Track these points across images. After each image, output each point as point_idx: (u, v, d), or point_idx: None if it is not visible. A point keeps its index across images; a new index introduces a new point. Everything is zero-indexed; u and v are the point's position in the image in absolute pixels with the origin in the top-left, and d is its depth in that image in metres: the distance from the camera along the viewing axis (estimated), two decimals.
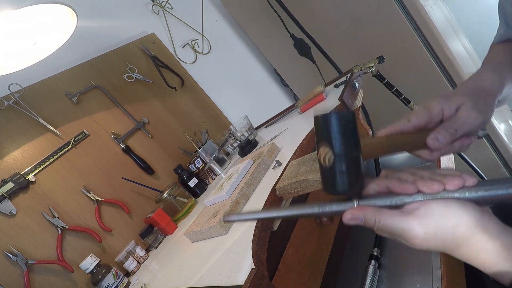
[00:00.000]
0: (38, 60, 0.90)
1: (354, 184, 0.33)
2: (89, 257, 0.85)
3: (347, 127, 0.33)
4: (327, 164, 0.33)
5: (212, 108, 1.52)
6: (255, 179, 0.80)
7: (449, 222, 0.31)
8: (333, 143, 0.33)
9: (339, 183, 0.33)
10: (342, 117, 0.33)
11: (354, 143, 0.33)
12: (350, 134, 0.33)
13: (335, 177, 0.33)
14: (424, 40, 1.20)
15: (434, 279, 0.58)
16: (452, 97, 0.42)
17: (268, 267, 0.53)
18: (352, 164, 0.33)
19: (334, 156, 0.32)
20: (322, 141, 0.33)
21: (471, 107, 0.41)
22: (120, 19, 1.38)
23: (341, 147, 0.32)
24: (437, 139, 0.39)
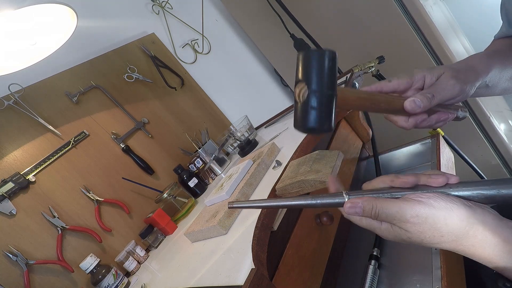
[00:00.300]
0: (38, 60, 0.90)
1: (324, 122, 0.34)
2: (89, 257, 0.85)
3: (325, 65, 0.33)
4: (301, 99, 0.33)
5: (212, 108, 1.52)
6: (255, 179, 0.80)
7: (440, 212, 0.31)
8: (310, 79, 0.33)
9: (310, 119, 0.34)
10: (321, 55, 0.33)
11: (330, 82, 0.34)
12: (327, 72, 0.33)
13: (307, 112, 0.33)
14: (424, 40, 1.20)
15: (434, 279, 0.58)
16: (435, 68, 0.44)
17: (268, 267, 0.53)
18: (325, 101, 0.33)
19: (309, 92, 0.33)
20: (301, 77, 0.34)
21: (450, 76, 0.42)
22: (120, 19, 1.38)
23: (317, 84, 0.33)
24: (414, 102, 0.40)
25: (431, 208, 0.32)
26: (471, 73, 0.45)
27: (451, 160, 0.93)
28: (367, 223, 0.37)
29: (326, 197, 0.37)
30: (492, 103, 1.26)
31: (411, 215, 0.32)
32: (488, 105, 1.22)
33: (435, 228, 0.32)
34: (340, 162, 0.61)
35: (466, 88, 0.43)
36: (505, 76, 0.50)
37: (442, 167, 0.83)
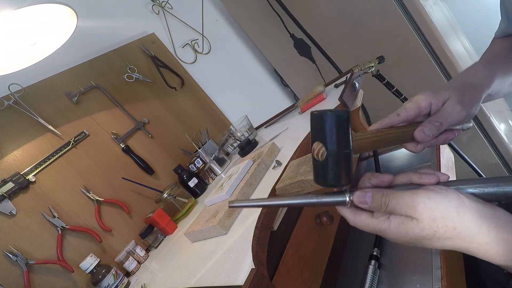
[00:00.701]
0: (38, 60, 0.90)
1: (343, 178, 0.36)
2: (89, 257, 0.85)
3: (341, 125, 0.34)
4: (320, 159, 0.35)
5: (212, 108, 1.52)
6: (255, 179, 0.80)
7: (452, 201, 0.31)
8: (327, 141, 0.34)
9: (330, 177, 0.36)
10: (337, 116, 0.34)
11: (347, 141, 0.35)
12: (343, 132, 0.35)
13: (326, 172, 0.35)
14: (424, 40, 1.20)
15: (434, 279, 0.58)
16: (439, 91, 0.44)
17: (268, 267, 0.53)
18: (344, 160, 0.35)
19: (327, 153, 0.34)
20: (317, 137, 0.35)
21: (456, 102, 0.43)
22: (120, 19, 1.38)
23: (334, 145, 0.34)
24: (423, 132, 0.41)
25: (443, 196, 0.32)
26: (475, 92, 0.45)
27: (451, 160, 0.93)
28: (373, 226, 0.35)
29: (327, 196, 0.37)
30: (492, 103, 1.26)
31: (423, 200, 0.32)
32: (488, 105, 1.22)
33: (447, 216, 0.31)
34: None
35: (472, 110, 0.44)
36: (507, 83, 0.50)
37: (442, 167, 0.83)
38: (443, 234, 0.31)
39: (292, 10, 1.33)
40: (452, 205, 0.31)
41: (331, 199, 0.37)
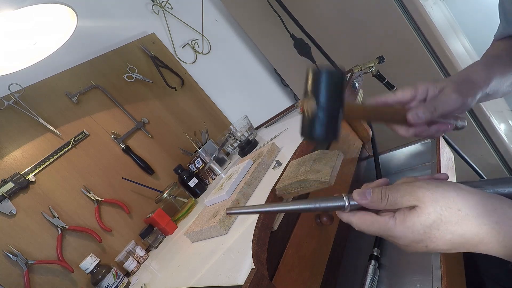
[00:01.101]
0: (38, 60, 0.90)
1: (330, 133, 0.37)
2: (89, 257, 0.85)
3: (334, 84, 0.35)
4: (309, 113, 0.36)
5: (212, 108, 1.52)
6: (255, 179, 0.80)
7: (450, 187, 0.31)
8: (319, 96, 0.35)
9: (317, 131, 0.36)
10: (331, 74, 0.35)
11: (338, 100, 0.36)
12: (336, 90, 0.36)
13: (314, 126, 0.36)
14: (424, 40, 1.20)
15: (434, 279, 0.58)
16: (438, 81, 0.46)
17: (268, 267, 0.53)
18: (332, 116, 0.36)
19: (318, 107, 0.35)
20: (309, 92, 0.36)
21: (453, 90, 0.44)
22: (120, 19, 1.38)
23: (325, 101, 0.35)
24: (417, 114, 0.42)
25: (439, 182, 0.32)
26: (472, 86, 0.46)
27: (451, 160, 0.93)
28: (379, 226, 0.34)
29: (325, 201, 0.37)
30: (492, 103, 1.26)
31: (421, 184, 0.32)
32: (488, 105, 1.22)
33: (449, 197, 0.30)
34: (340, 162, 0.61)
35: (467, 101, 0.45)
36: (505, 83, 0.51)
37: (442, 167, 0.83)
38: (449, 218, 0.29)
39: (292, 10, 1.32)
40: (451, 188, 0.31)
41: (330, 203, 0.36)
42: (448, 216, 0.29)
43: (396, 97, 0.45)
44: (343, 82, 0.36)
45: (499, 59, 0.53)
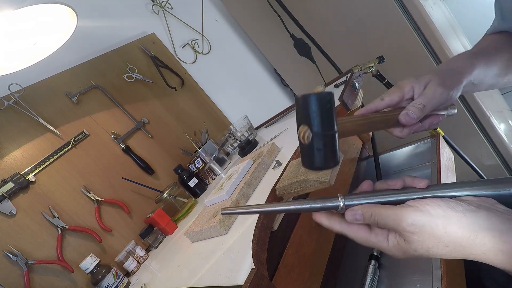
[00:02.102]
0: (38, 60, 0.90)
1: (329, 160, 0.36)
2: (89, 257, 0.85)
3: (324, 107, 0.35)
4: (306, 142, 0.35)
5: (212, 108, 1.52)
6: (255, 179, 0.80)
7: (438, 220, 0.31)
8: (311, 123, 0.35)
9: (316, 159, 0.36)
10: (320, 99, 0.35)
11: (331, 123, 0.36)
12: (327, 114, 0.35)
13: (313, 154, 0.36)
14: (424, 40, 1.20)
15: (434, 279, 0.58)
16: (421, 76, 0.46)
17: (268, 267, 0.53)
18: (329, 142, 0.36)
19: (313, 135, 0.35)
20: (302, 121, 0.36)
21: (437, 84, 0.44)
22: (120, 19, 1.38)
23: (319, 127, 0.35)
24: (408, 115, 0.43)
25: (428, 215, 0.31)
26: (456, 76, 0.47)
27: (451, 160, 0.93)
28: (373, 244, 0.36)
29: (320, 201, 0.37)
30: (492, 103, 1.26)
31: (407, 223, 0.31)
32: (488, 105, 1.22)
33: (435, 236, 0.31)
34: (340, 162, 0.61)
35: (453, 92, 0.46)
36: (490, 73, 0.51)
37: (442, 167, 0.83)
38: (437, 251, 0.31)
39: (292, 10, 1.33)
40: (439, 225, 0.31)
41: (324, 204, 0.36)
42: (435, 251, 0.31)
43: (385, 103, 0.46)
44: (332, 104, 0.36)
45: (484, 50, 0.53)
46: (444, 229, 0.30)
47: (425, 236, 0.31)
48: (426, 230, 0.31)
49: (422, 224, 0.31)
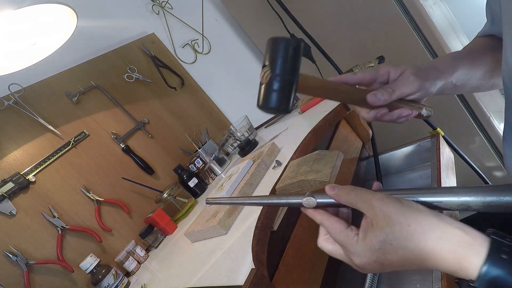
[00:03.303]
0: (38, 60, 0.90)
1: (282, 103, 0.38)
2: (89, 257, 0.85)
3: (289, 53, 0.36)
4: (265, 81, 0.37)
5: (212, 108, 1.52)
6: (255, 179, 0.80)
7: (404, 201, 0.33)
8: (274, 64, 0.37)
9: (270, 100, 0.38)
10: (286, 43, 0.36)
11: (292, 69, 0.37)
12: (290, 60, 0.37)
13: (268, 94, 0.38)
14: (424, 40, 1.20)
15: (434, 279, 0.58)
16: (400, 65, 0.47)
17: (268, 267, 0.53)
18: (286, 86, 0.37)
19: (271, 76, 0.36)
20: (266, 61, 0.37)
21: (411, 73, 0.45)
22: (120, 19, 1.38)
23: (279, 69, 0.36)
24: (375, 95, 0.43)
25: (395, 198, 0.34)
26: (433, 71, 0.47)
27: (451, 160, 0.93)
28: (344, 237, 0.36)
29: (290, 197, 0.39)
30: (492, 103, 1.26)
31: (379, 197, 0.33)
32: (488, 105, 1.22)
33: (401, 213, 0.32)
34: (340, 162, 0.61)
35: (425, 85, 0.46)
36: (474, 76, 0.51)
37: (442, 167, 0.83)
38: (400, 232, 0.31)
39: (292, 10, 1.32)
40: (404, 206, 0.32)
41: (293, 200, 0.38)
42: (399, 231, 0.31)
43: (357, 78, 0.46)
44: (299, 51, 0.37)
45: (471, 52, 0.53)
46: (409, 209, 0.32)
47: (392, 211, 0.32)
48: (396, 205, 0.32)
49: (393, 200, 0.33)
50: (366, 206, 0.34)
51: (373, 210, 0.33)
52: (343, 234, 0.35)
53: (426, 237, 0.30)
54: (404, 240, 0.31)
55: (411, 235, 0.31)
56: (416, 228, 0.31)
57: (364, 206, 0.34)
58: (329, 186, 0.37)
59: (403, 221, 0.31)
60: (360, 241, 0.34)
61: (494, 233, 0.29)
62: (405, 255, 0.31)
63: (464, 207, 0.33)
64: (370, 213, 0.33)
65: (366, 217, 0.35)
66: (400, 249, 0.31)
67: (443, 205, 0.34)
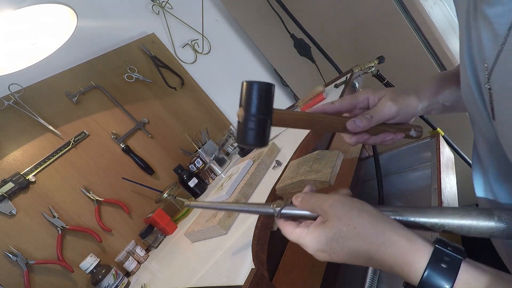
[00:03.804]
0: (38, 60, 0.90)
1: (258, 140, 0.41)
2: (89, 257, 0.85)
3: (260, 94, 0.40)
4: (241, 120, 0.40)
5: (212, 108, 1.52)
6: (255, 179, 0.80)
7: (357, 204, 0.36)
8: (247, 105, 0.40)
9: (246, 137, 0.41)
10: (259, 87, 0.40)
11: (265, 108, 0.41)
12: (262, 100, 0.40)
13: (245, 132, 0.40)
14: (424, 40, 1.20)
15: None
16: (379, 90, 0.47)
17: (268, 267, 0.53)
18: (260, 124, 0.41)
19: (245, 116, 0.40)
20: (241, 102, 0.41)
21: (389, 98, 0.46)
22: (120, 19, 1.38)
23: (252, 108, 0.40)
24: (354, 122, 0.44)
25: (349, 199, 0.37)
26: (412, 95, 0.47)
27: (451, 160, 0.93)
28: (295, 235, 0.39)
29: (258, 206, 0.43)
30: None
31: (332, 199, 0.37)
32: None
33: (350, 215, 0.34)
34: (340, 162, 0.61)
35: (405, 109, 0.46)
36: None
37: (442, 167, 0.83)
38: (347, 234, 0.34)
39: (292, 10, 1.32)
40: (355, 207, 0.35)
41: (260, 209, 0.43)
42: (345, 231, 0.34)
43: (335, 107, 0.47)
44: (270, 92, 0.41)
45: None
46: (358, 212, 0.35)
47: (340, 212, 0.35)
48: (345, 208, 0.35)
49: (342, 202, 0.36)
50: (320, 210, 0.37)
51: (326, 213, 0.36)
52: (294, 233, 0.39)
53: (369, 241, 0.33)
54: (348, 239, 0.34)
55: (355, 236, 0.34)
56: (360, 231, 0.33)
57: (320, 211, 0.38)
58: (295, 197, 0.41)
59: (350, 223, 0.34)
60: (308, 234, 0.37)
61: (438, 242, 0.32)
62: (349, 253, 0.34)
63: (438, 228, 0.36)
64: (324, 214, 0.37)
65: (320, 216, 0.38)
66: (345, 247, 0.34)
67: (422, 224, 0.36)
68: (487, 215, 0.33)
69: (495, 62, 0.29)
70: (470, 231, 0.34)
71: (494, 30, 0.29)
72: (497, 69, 0.29)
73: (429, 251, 0.31)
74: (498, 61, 0.29)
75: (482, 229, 0.33)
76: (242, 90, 0.41)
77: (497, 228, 0.32)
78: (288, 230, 0.40)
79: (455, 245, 0.31)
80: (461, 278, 0.29)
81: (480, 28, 0.31)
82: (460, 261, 0.30)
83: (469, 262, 0.30)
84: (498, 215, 0.33)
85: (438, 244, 0.31)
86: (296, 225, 0.40)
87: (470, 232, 0.34)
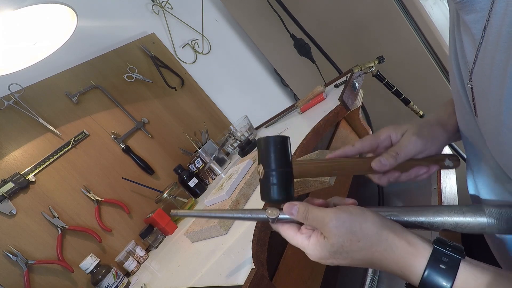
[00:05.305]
0: (38, 60, 0.90)
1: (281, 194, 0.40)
2: (89, 257, 0.85)
3: (276, 148, 0.40)
4: (261, 177, 0.40)
5: (212, 108, 1.52)
6: (255, 179, 0.80)
7: (357, 217, 0.35)
8: (265, 160, 0.40)
9: (269, 193, 0.40)
10: (274, 141, 0.40)
11: (283, 162, 0.40)
12: (279, 154, 0.40)
13: (267, 188, 0.40)
14: (424, 40, 1.20)
15: None
16: (401, 125, 0.46)
17: (268, 267, 0.53)
18: (280, 178, 0.40)
19: (265, 171, 0.40)
20: (259, 158, 0.41)
21: (412, 133, 0.44)
22: (120, 19, 1.38)
23: (271, 164, 0.40)
24: (380, 161, 0.42)
25: (349, 213, 0.36)
26: (437, 128, 0.46)
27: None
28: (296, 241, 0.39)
29: (255, 212, 0.41)
30: None
31: (331, 218, 0.36)
32: None
33: (352, 231, 0.34)
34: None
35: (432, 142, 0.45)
36: None
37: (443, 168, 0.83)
38: (349, 247, 0.35)
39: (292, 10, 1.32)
40: (356, 222, 0.35)
41: (258, 215, 0.41)
42: (348, 247, 0.35)
43: (356, 148, 0.45)
44: (284, 145, 0.40)
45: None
46: (360, 225, 0.35)
47: (342, 231, 0.35)
48: (346, 225, 0.35)
49: (343, 220, 0.35)
50: (319, 225, 0.37)
51: (327, 232, 0.36)
52: (295, 239, 0.39)
53: (372, 251, 0.34)
54: (352, 253, 0.35)
55: (359, 249, 0.34)
56: (364, 244, 0.34)
57: (318, 225, 0.37)
58: (286, 205, 0.40)
59: (353, 238, 0.35)
60: (310, 245, 0.37)
61: (437, 242, 0.33)
62: (353, 261, 0.36)
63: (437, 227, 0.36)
64: (325, 234, 0.36)
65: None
66: (349, 257, 0.35)
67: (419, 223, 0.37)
68: (477, 211, 0.34)
69: (474, 63, 0.33)
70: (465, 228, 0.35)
71: (472, 35, 0.32)
72: (476, 69, 0.32)
73: (428, 252, 0.32)
74: (477, 62, 0.32)
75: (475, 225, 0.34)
76: (258, 146, 0.41)
77: (489, 224, 0.34)
78: (289, 235, 0.40)
79: (455, 245, 0.32)
80: (461, 277, 0.30)
81: (462, 33, 0.35)
82: (459, 260, 0.31)
83: (468, 261, 0.31)
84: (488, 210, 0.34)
85: (437, 245, 0.32)
86: (297, 229, 0.39)
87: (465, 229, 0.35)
